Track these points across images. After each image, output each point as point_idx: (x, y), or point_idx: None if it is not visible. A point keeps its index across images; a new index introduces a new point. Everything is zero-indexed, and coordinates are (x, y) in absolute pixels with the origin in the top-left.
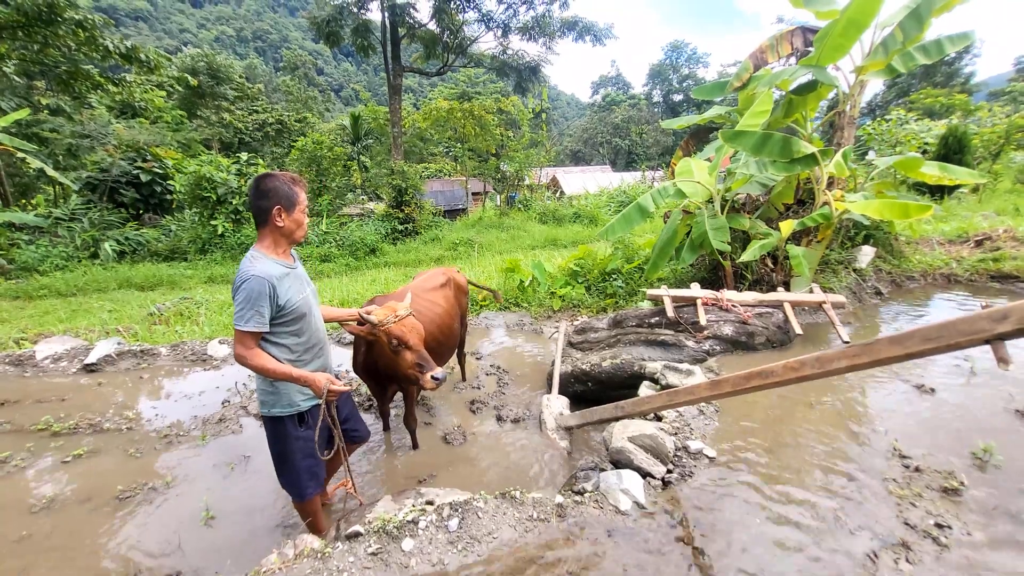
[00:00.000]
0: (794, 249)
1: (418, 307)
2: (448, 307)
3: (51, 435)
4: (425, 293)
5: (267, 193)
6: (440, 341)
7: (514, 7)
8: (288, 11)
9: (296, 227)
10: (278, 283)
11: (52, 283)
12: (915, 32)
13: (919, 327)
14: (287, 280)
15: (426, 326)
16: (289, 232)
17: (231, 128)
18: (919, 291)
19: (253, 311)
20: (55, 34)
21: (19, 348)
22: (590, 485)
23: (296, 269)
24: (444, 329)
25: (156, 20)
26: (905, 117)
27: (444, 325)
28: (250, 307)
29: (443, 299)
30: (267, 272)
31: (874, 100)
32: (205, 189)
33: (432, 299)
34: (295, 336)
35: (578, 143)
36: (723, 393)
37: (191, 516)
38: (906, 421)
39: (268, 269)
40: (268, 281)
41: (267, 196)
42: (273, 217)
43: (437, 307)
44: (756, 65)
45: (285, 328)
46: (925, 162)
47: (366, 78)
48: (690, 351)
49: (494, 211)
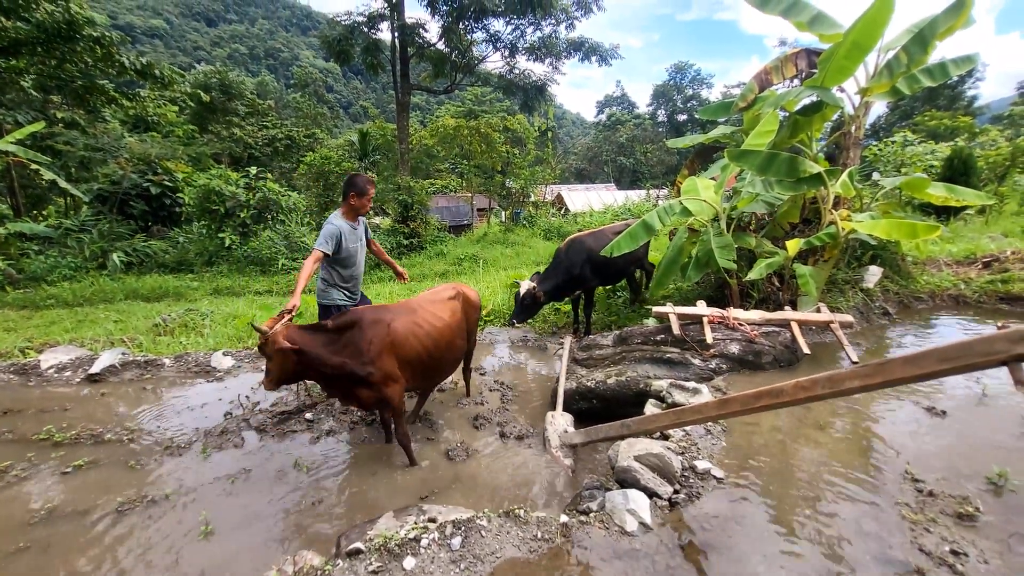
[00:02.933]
0: (801, 268)
1: (417, 319)
2: (452, 321)
3: (52, 445)
4: (430, 305)
5: (350, 183)
6: (433, 355)
7: (521, 28)
8: (300, 30)
9: (360, 207)
10: (343, 234)
11: (59, 293)
12: (919, 55)
13: (934, 347)
14: (349, 234)
15: (421, 338)
16: (355, 208)
17: (241, 143)
18: (927, 312)
19: (324, 241)
20: (73, 50)
21: (24, 357)
22: (595, 505)
23: (357, 230)
24: (441, 343)
25: (171, 38)
26: (910, 139)
27: (442, 339)
28: (324, 238)
29: (448, 312)
30: (339, 225)
31: (878, 122)
32: (214, 202)
33: (435, 311)
34: (344, 268)
35: (583, 161)
36: (732, 412)
37: (190, 530)
38: (918, 444)
39: (340, 224)
40: (340, 229)
41: (350, 185)
42: (349, 198)
43: (438, 320)
44: (761, 86)
45: (339, 262)
46: (932, 183)
47: (375, 95)
48: (696, 369)
49: (499, 227)
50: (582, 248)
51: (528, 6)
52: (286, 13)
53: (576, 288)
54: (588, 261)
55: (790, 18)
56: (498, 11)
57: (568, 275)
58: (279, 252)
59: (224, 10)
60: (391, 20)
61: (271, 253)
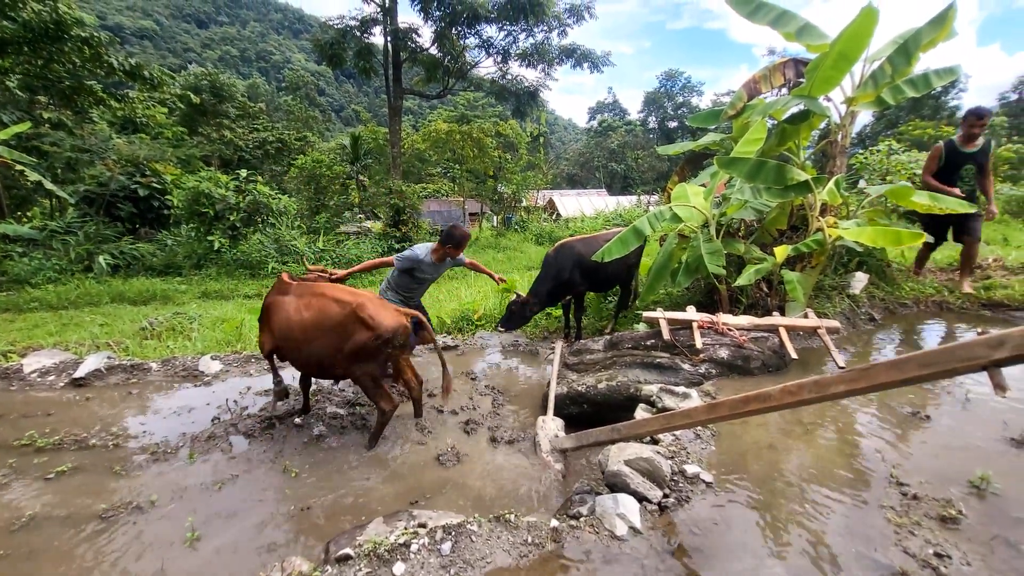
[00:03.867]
0: (789, 274)
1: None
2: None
3: (35, 451)
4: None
5: (449, 236)
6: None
7: (514, 34)
8: (292, 33)
9: (450, 255)
10: (421, 266)
11: (44, 296)
12: (903, 66)
13: (916, 353)
14: (427, 267)
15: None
16: (446, 255)
17: (231, 145)
18: (912, 318)
19: (400, 261)
20: (60, 50)
21: (6, 361)
22: (586, 509)
23: (439, 267)
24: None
25: (161, 39)
26: (895, 148)
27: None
28: (403, 260)
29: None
30: (422, 259)
31: (863, 131)
32: (203, 205)
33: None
34: (409, 284)
35: (575, 167)
36: (721, 416)
37: (176, 537)
38: (902, 448)
39: (424, 258)
40: (421, 262)
41: (449, 238)
42: (447, 248)
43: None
44: (750, 94)
45: (408, 278)
46: (916, 191)
47: (367, 99)
48: (686, 374)
49: (491, 232)
50: (571, 253)
51: (521, 13)
52: (278, 16)
53: (566, 293)
54: (577, 266)
55: (778, 28)
56: (491, 17)
57: (557, 280)
58: (269, 255)
59: (215, 12)
60: (384, 24)
61: (261, 256)
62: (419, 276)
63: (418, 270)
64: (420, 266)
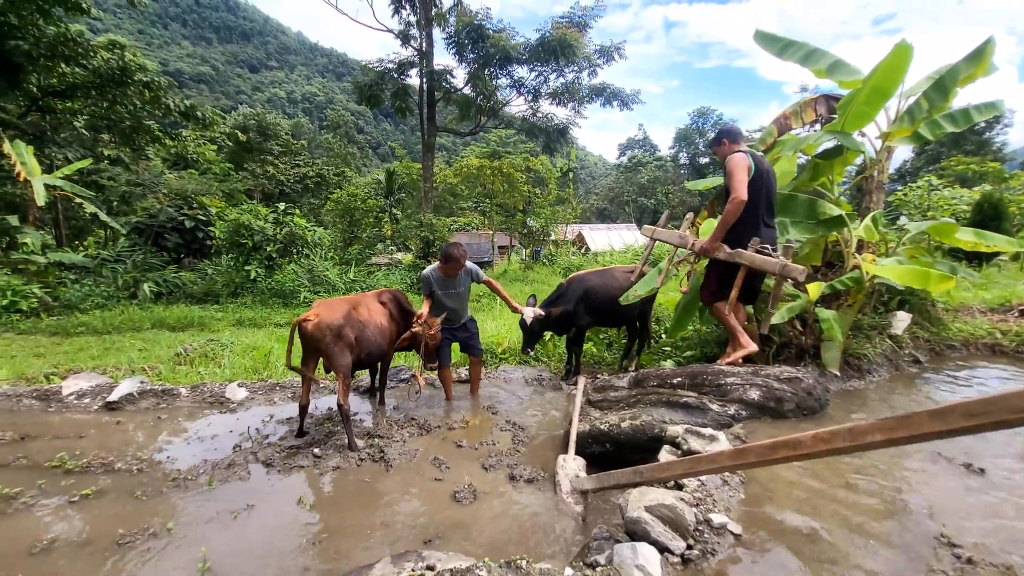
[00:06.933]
0: (824, 312)
1: None
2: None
3: (64, 473)
4: None
5: (442, 251)
6: None
7: (545, 75)
8: (335, 76)
9: (448, 271)
10: (432, 281)
11: (90, 321)
12: (940, 101)
13: (962, 401)
14: (439, 282)
15: None
16: (446, 270)
17: (274, 180)
18: (961, 361)
19: (423, 285)
20: (124, 94)
21: (49, 383)
22: (603, 558)
23: (451, 280)
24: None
25: (216, 83)
26: (936, 183)
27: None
28: (423, 283)
29: None
30: (429, 273)
31: (904, 167)
32: (243, 236)
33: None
34: (442, 304)
35: (604, 201)
36: (748, 463)
37: (188, 566)
38: (953, 504)
39: (427, 272)
40: (429, 276)
41: (446, 254)
42: (441, 261)
43: None
44: (780, 130)
45: (435, 300)
46: (960, 228)
47: (403, 137)
48: (714, 415)
49: (519, 265)
50: (581, 286)
51: (551, 55)
52: (323, 60)
53: (570, 324)
54: (584, 299)
55: (808, 65)
56: (522, 59)
57: (565, 310)
58: (302, 285)
59: (266, 57)
60: (420, 66)
61: (294, 286)
62: (439, 294)
63: (434, 288)
64: (432, 284)
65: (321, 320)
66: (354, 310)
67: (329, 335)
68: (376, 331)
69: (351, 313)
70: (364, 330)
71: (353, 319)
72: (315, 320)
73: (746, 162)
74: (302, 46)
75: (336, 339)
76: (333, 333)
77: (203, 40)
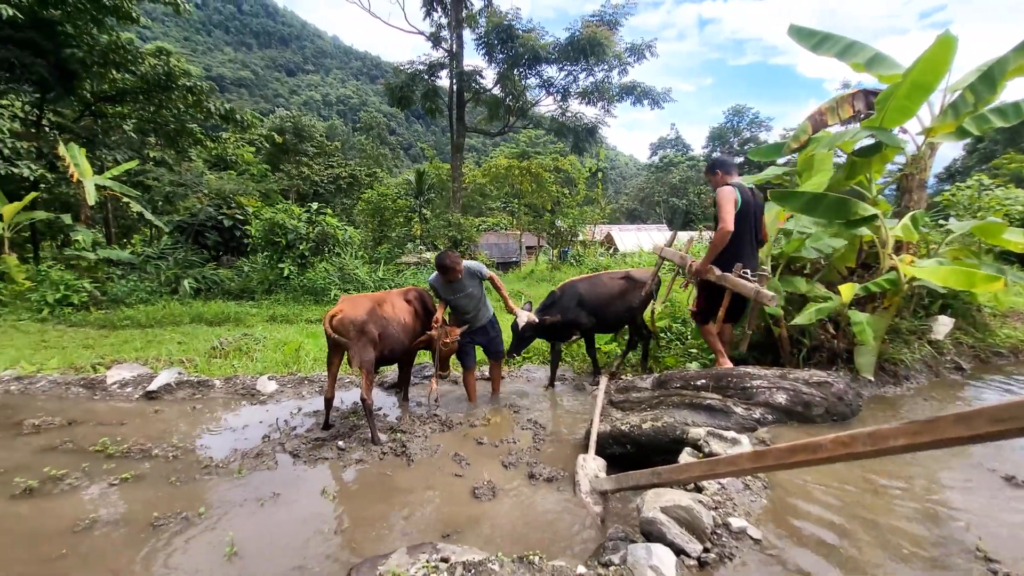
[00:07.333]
0: (857, 315)
1: None
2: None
3: (106, 457)
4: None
5: (439, 263)
6: None
7: (574, 74)
8: (369, 79)
9: (449, 277)
10: (438, 287)
11: (135, 315)
12: (987, 94)
13: (989, 405)
14: (442, 287)
15: None
16: (446, 279)
17: (308, 180)
18: (1010, 368)
19: (433, 291)
20: (169, 98)
21: (95, 372)
22: (617, 558)
23: (453, 284)
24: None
25: (256, 87)
26: (988, 183)
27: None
28: (432, 289)
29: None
30: (432, 280)
31: (953, 165)
32: (277, 234)
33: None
34: (453, 307)
35: (634, 202)
36: (767, 466)
37: (216, 549)
38: (991, 518)
39: (431, 280)
40: (433, 283)
41: (440, 265)
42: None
43: None
44: (815, 127)
45: (450, 303)
46: (1008, 228)
47: (433, 138)
48: (738, 418)
49: (546, 265)
50: (574, 292)
51: (581, 54)
52: (357, 63)
53: (572, 330)
54: (580, 305)
55: (846, 60)
56: (552, 58)
57: (563, 317)
58: (332, 283)
59: (303, 62)
60: (450, 68)
61: (325, 283)
62: (449, 300)
63: (442, 294)
64: (438, 291)
65: (344, 315)
66: (378, 307)
67: (352, 330)
68: (400, 328)
69: (375, 309)
70: (387, 327)
71: (376, 315)
72: (339, 315)
73: (733, 195)
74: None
75: (359, 334)
76: (356, 328)
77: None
